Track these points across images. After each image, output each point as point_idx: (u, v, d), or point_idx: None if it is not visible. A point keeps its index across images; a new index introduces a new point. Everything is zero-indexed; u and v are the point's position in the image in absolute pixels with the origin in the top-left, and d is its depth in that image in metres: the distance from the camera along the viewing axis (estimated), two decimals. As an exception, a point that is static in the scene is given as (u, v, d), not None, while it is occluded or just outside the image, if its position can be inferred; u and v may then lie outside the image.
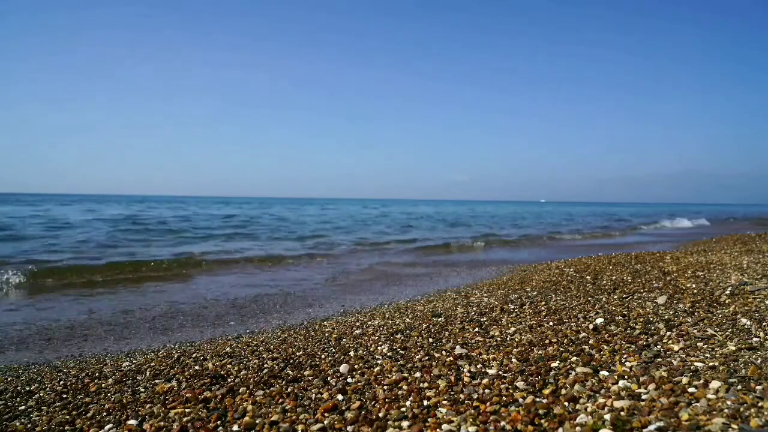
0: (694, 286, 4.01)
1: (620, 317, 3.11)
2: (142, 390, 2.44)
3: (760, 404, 1.60)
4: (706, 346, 2.36)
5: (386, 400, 2.03)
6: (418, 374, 2.32)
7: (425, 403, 1.95)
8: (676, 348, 2.36)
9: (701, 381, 1.88)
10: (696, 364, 2.10)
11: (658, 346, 2.43)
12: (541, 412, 1.77)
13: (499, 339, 2.88)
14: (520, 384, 2.06)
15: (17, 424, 2.11)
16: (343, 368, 2.51)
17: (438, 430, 1.72)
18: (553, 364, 2.28)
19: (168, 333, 4.00)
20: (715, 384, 1.81)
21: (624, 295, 3.87)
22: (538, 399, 1.90)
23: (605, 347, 2.48)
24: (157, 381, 2.57)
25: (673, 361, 2.19)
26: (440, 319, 3.59)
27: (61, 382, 2.68)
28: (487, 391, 2.03)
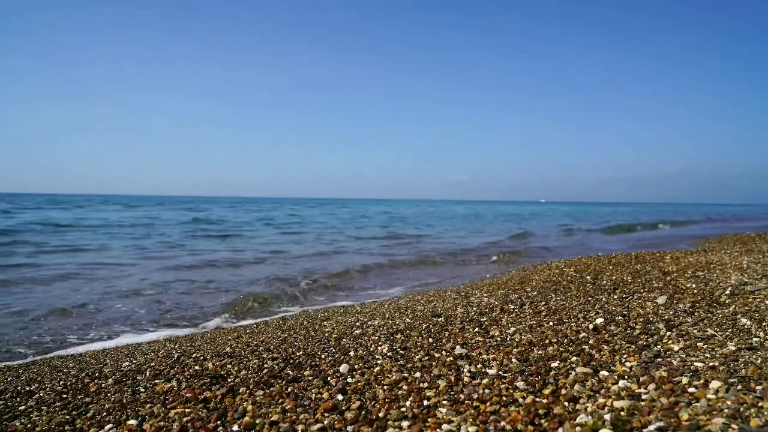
0: (694, 286, 4.01)
1: (620, 317, 3.11)
2: (142, 390, 2.44)
3: (760, 404, 1.60)
4: (706, 346, 2.36)
5: (386, 400, 2.03)
6: (418, 374, 2.32)
7: (425, 403, 1.95)
8: (676, 348, 2.36)
9: (701, 381, 1.88)
10: (696, 364, 2.10)
11: (658, 346, 2.43)
12: (541, 412, 1.77)
13: (499, 339, 2.88)
14: (520, 384, 2.06)
15: (17, 424, 2.11)
16: (343, 368, 2.51)
17: (438, 430, 1.72)
18: (553, 364, 2.28)
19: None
20: (715, 384, 1.81)
21: (624, 295, 3.87)
22: (538, 399, 1.90)
23: (605, 347, 2.48)
24: (157, 381, 2.57)
25: (673, 361, 2.18)
26: (440, 319, 3.59)
27: (61, 382, 2.68)
28: (487, 391, 2.03)
